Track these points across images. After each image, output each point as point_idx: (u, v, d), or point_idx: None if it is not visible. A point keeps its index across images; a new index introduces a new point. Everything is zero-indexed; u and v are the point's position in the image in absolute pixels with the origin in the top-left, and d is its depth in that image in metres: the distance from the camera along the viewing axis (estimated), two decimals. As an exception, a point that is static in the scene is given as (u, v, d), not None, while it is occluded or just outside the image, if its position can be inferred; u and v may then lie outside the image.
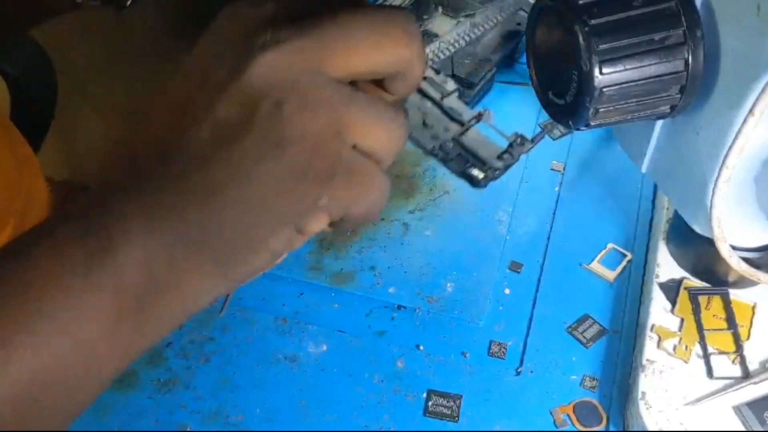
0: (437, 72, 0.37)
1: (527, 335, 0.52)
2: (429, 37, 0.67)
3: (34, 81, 0.63)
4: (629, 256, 0.56)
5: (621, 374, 0.50)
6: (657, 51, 0.38)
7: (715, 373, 0.47)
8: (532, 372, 0.50)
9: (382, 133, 0.32)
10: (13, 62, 0.61)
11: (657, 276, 0.52)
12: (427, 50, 0.66)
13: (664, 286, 0.51)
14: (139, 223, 0.28)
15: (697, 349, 0.48)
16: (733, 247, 0.45)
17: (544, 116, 0.65)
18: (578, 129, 0.41)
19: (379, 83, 0.33)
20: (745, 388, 0.47)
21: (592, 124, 0.40)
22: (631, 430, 0.47)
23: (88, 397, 0.29)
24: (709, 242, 0.45)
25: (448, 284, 0.54)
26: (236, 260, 0.30)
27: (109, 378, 0.29)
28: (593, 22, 0.37)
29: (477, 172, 0.35)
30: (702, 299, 0.50)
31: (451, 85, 0.37)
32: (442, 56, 0.66)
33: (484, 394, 0.49)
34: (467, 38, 0.66)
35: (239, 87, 0.29)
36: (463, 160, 0.37)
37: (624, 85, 0.38)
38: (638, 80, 0.38)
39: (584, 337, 0.52)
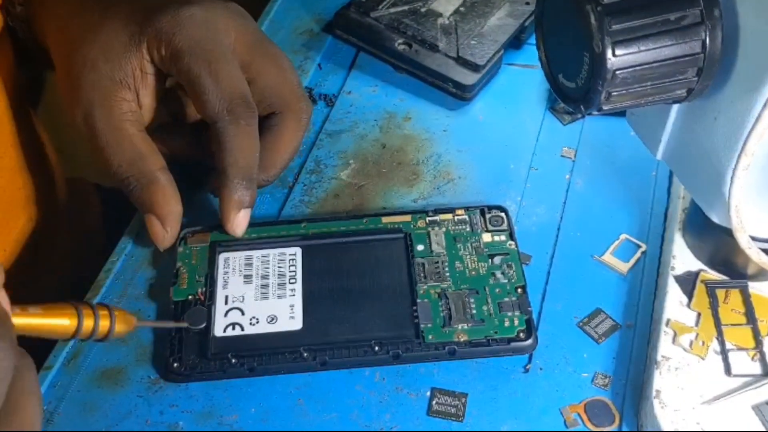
0: None
1: (536, 330, 0.52)
2: (433, 16, 0.67)
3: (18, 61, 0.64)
4: (643, 247, 0.56)
5: (634, 371, 0.50)
6: (673, 32, 0.38)
7: (734, 371, 0.47)
8: (541, 369, 0.51)
9: None
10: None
11: (672, 268, 0.52)
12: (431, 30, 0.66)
13: (679, 279, 0.51)
14: None
15: (714, 345, 0.49)
16: (753, 238, 0.45)
17: (554, 100, 0.65)
18: (590, 114, 0.41)
19: None
20: (765, 387, 0.47)
21: (605, 108, 0.40)
22: (645, 430, 0.47)
23: None
24: (728, 233, 0.45)
25: (453, 277, 0.55)
26: None
27: None
28: (606, 0, 0.37)
29: None
30: (720, 293, 0.51)
31: None
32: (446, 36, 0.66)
33: (490, 392, 0.50)
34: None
35: None
36: None
37: (638, 68, 0.38)
38: (653, 62, 0.38)
39: (596, 332, 0.52)
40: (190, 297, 0.52)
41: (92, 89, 0.53)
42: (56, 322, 0.41)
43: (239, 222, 0.54)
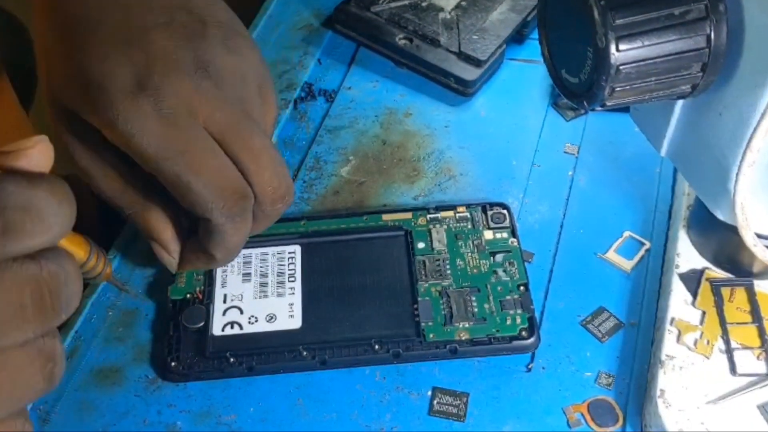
0: None
1: (539, 329, 0.52)
2: (434, 10, 0.67)
3: (12, 55, 0.64)
4: (647, 244, 0.56)
5: (638, 370, 0.50)
6: (677, 26, 0.38)
7: (739, 370, 0.47)
8: (543, 368, 0.51)
9: None
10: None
11: (677, 266, 0.52)
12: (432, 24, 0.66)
13: (684, 277, 0.51)
14: None
15: (719, 343, 0.49)
16: (758, 236, 0.45)
17: (557, 96, 0.65)
18: (593, 109, 0.41)
19: None
20: (771, 386, 0.47)
21: (608, 104, 0.40)
22: (649, 430, 0.47)
23: None
24: (733, 230, 0.45)
25: (455, 275, 0.55)
26: None
27: None
28: (609, -5, 0.37)
29: None
30: (725, 291, 0.51)
31: None
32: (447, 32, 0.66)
33: (492, 391, 0.50)
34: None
35: None
36: None
37: (642, 63, 0.38)
38: (657, 57, 0.38)
39: (599, 331, 0.52)
40: (188, 295, 0.52)
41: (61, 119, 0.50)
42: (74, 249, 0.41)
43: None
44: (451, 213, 0.56)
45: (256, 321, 0.51)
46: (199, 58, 0.47)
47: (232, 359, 0.49)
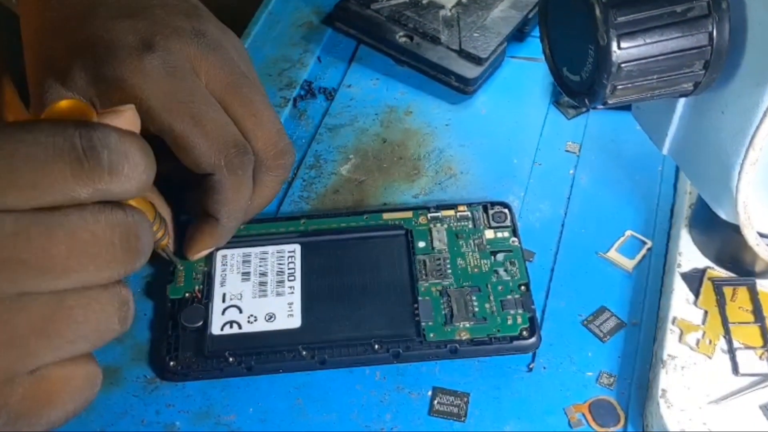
0: None
1: (540, 329, 0.52)
2: (435, 8, 0.67)
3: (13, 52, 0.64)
4: (649, 243, 0.56)
5: (640, 370, 0.50)
6: (679, 24, 0.37)
7: (741, 370, 0.47)
8: (544, 368, 0.51)
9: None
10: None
11: (679, 265, 0.52)
12: (432, 22, 0.66)
13: (686, 276, 0.51)
14: None
15: (721, 343, 0.48)
16: (761, 234, 0.45)
17: (558, 94, 0.65)
18: (595, 108, 0.41)
19: None
20: (773, 386, 0.47)
21: (610, 102, 0.40)
22: (650, 430, 0.47)
23: None
24: (735, 229, 0.45)
25: (455, 274, 0.54)
26: None
27: None
28: (611, -8, 0.37)
29: None
30: (727, 290, 0.50)
31: None
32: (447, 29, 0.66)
33: (493, 391, 0.49)
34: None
35: None
36: None
37: (644, 61, 0.38)
38: (659, 55, 0.38)
39: (601, 330, 0.52)
40: (187, 295, 0.52)
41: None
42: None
43: (203, 254, 0.54)
44: (451, 212, 0.56)
45: (256, 320, 0.51)
46: (196, 28, 0.52)
47: (231, 359, 0.49)
